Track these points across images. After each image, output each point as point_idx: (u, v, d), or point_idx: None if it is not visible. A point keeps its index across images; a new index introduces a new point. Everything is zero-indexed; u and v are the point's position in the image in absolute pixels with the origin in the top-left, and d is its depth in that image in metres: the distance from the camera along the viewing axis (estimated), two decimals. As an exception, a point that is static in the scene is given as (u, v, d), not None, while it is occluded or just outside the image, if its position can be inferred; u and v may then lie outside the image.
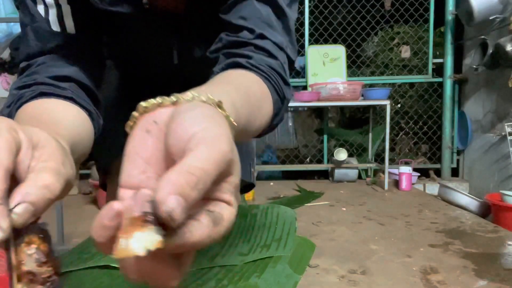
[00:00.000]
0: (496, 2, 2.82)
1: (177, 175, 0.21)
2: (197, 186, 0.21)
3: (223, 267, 0.42)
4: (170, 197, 0.20)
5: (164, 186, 0.21)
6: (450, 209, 2.66)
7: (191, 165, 0.22)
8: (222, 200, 0.24)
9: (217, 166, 0.23)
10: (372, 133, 3.80)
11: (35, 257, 0.26)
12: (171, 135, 0.25)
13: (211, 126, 0.25)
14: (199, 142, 0.23)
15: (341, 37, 3.86)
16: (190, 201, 0.21)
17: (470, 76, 3.43)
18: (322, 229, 2.19)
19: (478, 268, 1.60)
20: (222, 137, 0.24)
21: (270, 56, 0.50)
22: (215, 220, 0.23)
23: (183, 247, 0.22)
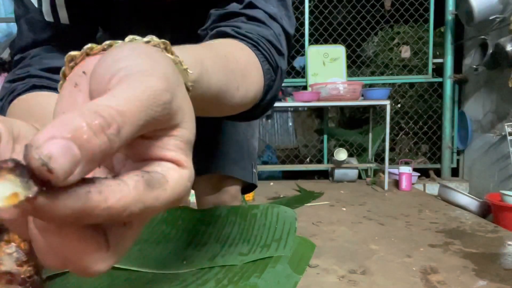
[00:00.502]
0: (496, 2, 2.82)
1: (73, 114, 0.15)
2: (104, 130, 0.15)
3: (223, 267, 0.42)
4: (51, 141, 0.14)
5: (48, 126, 0.15)
6: (450, 209, 2.66)
7: (100, 104, 0.16)
8: (166, 159, 0.19)
9: (142, 107, 0.17)
10: (372, 133, 3.80)
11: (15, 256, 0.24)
12: (92, 79, 0.19)
13: (141, 61, 0.19)
14: (123, 78, 0.18)
15: (341, 37, 3.86)
16: (88, 151, 0.15)
17: (470, 76, 3.43)
18: (322, 229, 2.19)
19: (478, 268, 1.60)
20: (154, 73, 0.19)
21: (262, 25, 0.47)
22: (151, 182, 0.17)
23: (88, 213, 0.15)
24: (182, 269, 0.43)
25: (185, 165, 0.19)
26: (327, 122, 4.10)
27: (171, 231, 0.52)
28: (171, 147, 0.19)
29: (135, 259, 0.46)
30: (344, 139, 4.02)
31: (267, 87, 0.45)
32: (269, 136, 4.85)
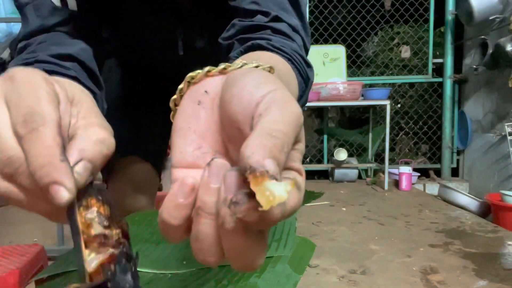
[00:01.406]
0: (496, 2, 2.82)
1: (263, 139, 0.19)
2: (283, 149, 0.20)
3: (223, 267, 0.42)
4: (267, 160, 0.19)
5: (253, 148, 0.19)
6: (450, 209, 2.66)
7: (272, 129, 0.20)
8: (293, 169, 0.22)
9: (294, 128, 0.21)
10: (372, 133, 3.80)
11: (98, 221, 0.24)
12: (234, 101, 0.22)
13: (277, 88, 0.23)
14: (270, 105, 0.21)
15: (341, 37, 3.86)
16: (281, 165, 0.20)
17: (470, 76, 3.43)
18: (322, 229, 2.19)
19: (478, 268, 1.60)
20: (291, 99, 0.23)
21: (288, 38, 0.48)
22: (299, 186, 0.21)
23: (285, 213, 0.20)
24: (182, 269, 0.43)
25: (303, 173, 0.23)
26: (327, 122, 4.10)
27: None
28: (295, 159, 0.23)
29: (135, 259, 0.46)
30: (344, 139, 4.02)
31: (298, 98, 0.47)
32: (269, 136, 4.84)
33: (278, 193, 0.18)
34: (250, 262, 0.21)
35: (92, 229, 0.23)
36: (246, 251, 0.21)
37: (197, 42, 0.66)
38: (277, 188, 0.18)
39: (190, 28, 0.65)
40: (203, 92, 0.25)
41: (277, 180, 0.19)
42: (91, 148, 0.24)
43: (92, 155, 0.24)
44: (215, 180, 0.21)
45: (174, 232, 0.23)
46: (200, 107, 0.24)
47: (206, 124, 0.25)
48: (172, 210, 0.22)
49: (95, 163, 0.24)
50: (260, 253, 0.21)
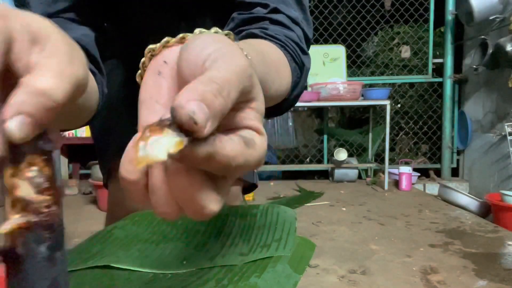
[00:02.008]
0: (496, 2, 2.82)
1: (196, 83, 0.20)
2: (220, 92, 0.20)
3: (223, 267, 0.42)
4: (190, 102, 0.19)
5: (183, 92, 0.19)
6: (450, 209, 2.66)
7: (211, 75, 0.20)
8: (250, 127, 0.23)
9: (239, 77, 0.21)
10: (372, 133, 3.80)
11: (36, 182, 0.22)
12: (184, 64, 0.23)
13: (224, 45, 0.23)
14: (216, 59, 0.22)
15: (341, 37, 3.86)
16: (214, 109, 0.19)
17: (470, 76, 3.44)
18: (322, 229, 2.19)
19: (478, 268, 1.60)
20: (237, 53, 0.23)
21: (286, 28, 0.49)
22: (247, 141, 0.22)
23: (214, 157, 0.20)
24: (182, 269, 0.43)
25: (262, 132, 0.23)
26: (327, 122, 4.10)
27: (171, 231, 0.52)
28: (252, 117, 0.23)
29: (135, 259, 0.46)
30: (344, 139, 4.02)
31: (293, 84, 0.47)
32: (269, 136, 4.82)
33: (153, 152, 0.18)
34: (201, 208, 0.21)
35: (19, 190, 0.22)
36: (194, 195, 0.21)
37: None
38: (156, 146, 0.18)
39: (192, 25, 0.65)
40: (162, 62, 0.25)
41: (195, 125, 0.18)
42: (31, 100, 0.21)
43: (32, 108, 0.21)
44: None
45: (135, 190, 0.23)
46: (161, 77, 0.25)
47: (167, 93, 0.25)
48: (127, 165, 0.22)
49: (37, 116, 0.21)
50: (212, 197, 0.22)
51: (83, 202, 3.06)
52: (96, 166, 2.77)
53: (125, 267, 0.45)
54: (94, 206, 2.89)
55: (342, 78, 3.51)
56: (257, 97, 0.24)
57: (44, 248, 0.23)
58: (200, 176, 0.21)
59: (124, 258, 0.46)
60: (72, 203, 2.93)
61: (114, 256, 0.47)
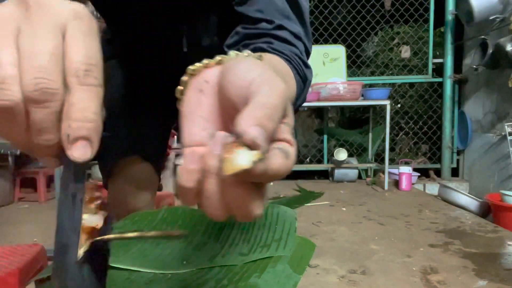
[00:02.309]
0: (496, 2, 2.82)
1: (252, 110, 0.23)
2: (272, 117, 0.23)
3: (223, 267, 0.42)
4: (251, 127, 0.22)
5: (244, 119, 0.23)
6: (450, 209, 2.66)
7: (261, 101, 0.24)
8: (283, 140, 0.26)
9: (282, 100, 0.25)
10: (372, 133, 3.80)
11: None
12: (229, 86, 0.27)
13: (264, 70, 0.27)
14: (260, 84, 0.25)
15: (341, 37, 3.86)
16: (268, 132, 0.23)
17: (470, 76, 3.44)
18: (322, 229, 2.19)
19: (478, 268, 1.60)
20: (277, 78, 0.27)
21: (290, 44, 0.51)
22: (286, 153, 0.25)
23: (267, 173, 0.23)
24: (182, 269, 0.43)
25: (293, 143, 0.26)
26: (327, 122, 4.10)
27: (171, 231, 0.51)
28: (285, 131, 0.26)
29: (135, 259, 0.46)
30: (344, 139, 4.02)
31: (296, 96, 0.50)
32: (269, 136, 4.83)
33: (241, 162, 0.22)
34: (250, 212, 0.25)
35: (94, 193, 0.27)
36: (245, 202, 0.25)
37: (203, 40, 0.66)
38: (241, 158, 0.22)
39: (194, 25, 0.65)
40: (204, 81, 0.29)
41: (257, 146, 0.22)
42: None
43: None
44: (218, 147, 0.25)
45: (189, 195, 0.26)
46: (202, 94, 0.29)
47: (208, 109, 0.29)
48: (186, 175, 0.26)
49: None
50: (258, 204, 0.25)
51: (83, 202, 3.05)
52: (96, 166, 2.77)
53: (125, 267, 0.45)
54: (94, 206, 2.88)
55: (342, 78, 3.51)
56: (289, 113, 0.27)
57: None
58: (251, 186, 0.25)
59: (124, 258, 0.46)
60: (72, 203, 2.93)
61: (114, 256, 0.47)
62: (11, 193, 3.04)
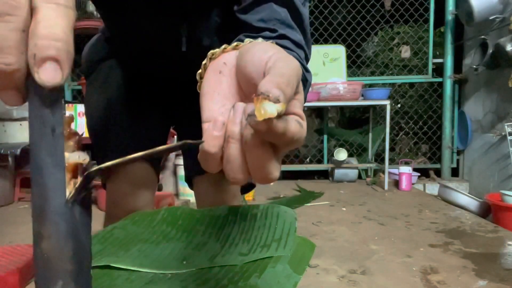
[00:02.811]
0: (496, 2, 2.82)
1: (272, 76, 0.26)
2: (289, 84, 0.26)
3: (223, 267, 0.42)
4: (273, 89, 0.25)
5: (267, 82, 0.25)
6: (450, 209, 2.66)
7: (279, 72, 0.27)
8: (296, 113, 0.28)
9: (296, 73, 0.28)
10: (372, 133, 3.80)
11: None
12: (248, 65, 0.30)
13: (279, 50, 0.30)
14: (276, 61, 0.28)
15: (341, 37, 3.86)
16: (287, 96, 0.25)
17: (470, 76, 3.44)
18: (322, 229, 2.19)
19: (478, 268, 1.60)
20: (290, 57, 0.29)
21: (290, 51, 0.51)
22: (300, 123, 0.27)
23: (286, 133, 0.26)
24: (182, 269, 0.43)
25: (304, 117, 0.29)
26: (327, 122, 4.10)
27: (171, 231, 0.51)
28: (298, 106, 0.29)
29: (135, 259, 0.46)
30: (344, 139, 4.02)
31: None
32: (269, 136, 4.84)
33: (269, 110, 0.24)
34: (269, 173, 0.27)
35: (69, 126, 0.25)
36: (265, 163, 0.27)
37: (203, 40, 0.66)
38: (269, 107, 0.24)
39: (195, 25, 0.65)
40: (223, 63, 0.32)
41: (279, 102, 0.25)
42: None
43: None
44: (238, 115, 0.28)
45: (212, 160, 0.28)
46: (221, 75, 0.32)
47: (227, 87, 0.32)
48: (210, 141, 0.28)
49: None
50: (276, 166, 0.28)
51: (83, 202, 3.05)
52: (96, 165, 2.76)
53: (125, 267, 0.45)
54: (94, 206, 2.89)
55: (342, 78, 3.51)
56: (301, 91, 0.30)
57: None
58: (270, 148, 0.27)
59: (124, 258, 0.46)
60: (72, 203, 2.93)
61: (114, 256, 0.47)
62: (11, 193, 3.04)
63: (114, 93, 0.77)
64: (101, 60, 0.79)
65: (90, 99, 0.81)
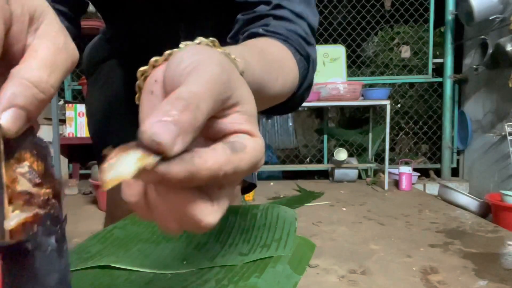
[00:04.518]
0: (496, 2, 2.82)
1: (163, 104, 0.20)
2: (187, 108, 0.19)
3: (223, 267, 0.42)
4: (154, 124, 0.18)
5: (149, 118, 0.19)
6: (450, 209, 2.66)
7: (178, 92, 0.20)
8: (240, 131, 0.22)
9: (208, 87, 0.21)
10: (372, 133, 3.80)
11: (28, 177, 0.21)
12: (167, 81, 0.23)
13: (201, 57, 0.23)
14: (189, 72, 0.22)
15: (341, 37, 3.86)
16: (182, 126, 0.19)
17: (470, 76, 3.44)
18: (322, 229, 2.19)
19: (478, 268, 1.60)
20: (209, 62, 0.22)
21: (290, 22, 0.49)
22: (234, 147, 0.21)
23: (196, 175, 0.19)
24: (182, 269, 0.43)
25: (255, 135, 0.23)
26: (327, 122, 4.10)
27: (171, 231, 0.51)
28: (239, 121, 0.23)
29: (135, 259, 0.46)
30: (344, 139, 4.02)
31: (301, 77, 0.47)
32: (269, 136, 4.85)
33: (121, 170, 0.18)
34: (197, 221, 0.21)
35: (18, 184, 0.21)
36: (187, 210, 0.21)
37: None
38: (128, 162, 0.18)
39: (192, 26, 0.65)
40: (153, 81, 0.25)
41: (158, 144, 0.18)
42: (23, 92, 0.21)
43: (25, 101, 0.21)
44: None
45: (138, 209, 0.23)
46: (153, 96, 0.25)
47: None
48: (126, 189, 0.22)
49: (29, 109, 0.21)
50: (205, 210, 0.21)
51: (83, 202, 3.05)
52: (96, 166, 2.77)
53: (125, 267, 0.45)
54: (94, 206, 2.89)
55: (342, 78, 3.51)
56: (242, 99, 0.23)
57: (53, 240, 0.22)
58: (190, 191, 0.21)
59: (124, 258, 0.46)
60: (72, 203, 2.93)
61: (114, 256, 0.47)
62: (11, 193, 3.04)
63: (115, 93, 0.77)
64: (102, 61, 0.79)
65: (91, 99, 0.81)
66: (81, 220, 2.38)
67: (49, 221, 0.22)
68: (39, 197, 0.22)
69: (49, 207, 0.22)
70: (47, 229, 0.22)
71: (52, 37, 0.23)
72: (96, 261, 0.45)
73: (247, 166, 0.21)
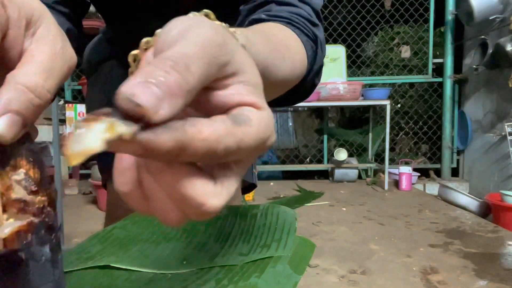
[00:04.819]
0: (496, 2, 2.82)
1: (146, 65, 0.17)
2: (174, 68, 0.17)
3: (223, 267, 0.42)
4: (133, 85, 0.16)
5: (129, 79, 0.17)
6: (450, 209, 2.66)
7: (164, 55, 0.18)
8: (244, 103, 0.20)
9: (200, 46, 0.18)
10: (372, 133, 3.80)
11: (24, 184, 0.21)
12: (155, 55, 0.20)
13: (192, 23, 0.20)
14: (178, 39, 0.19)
15: (341, 37, 3.86)
16: (169, 88, 0.16)
17: (470, 76, 3.44)
18: (322, 229, 2.19)
19: (478, 268, 1.60)
20: (203, 25, 0.20)
21: (293, 6, 0.47)
22: (237, 119, 0.18)
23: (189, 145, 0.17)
24: (182, 269, 0.43)
25: (262, 107, 0.20)
26: (327, 122, 4.10)
27: (171, 231, 0.52)
28: (242, 91, 0.20)
29: (135, 259, 0.46)
30: (344, 139, 4.02)
31: (310, 59, 0.45)
32: (269, 136, 4.84)
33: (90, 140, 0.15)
34: (199, 204, 0.18)
35: (13, 192, 0.21)
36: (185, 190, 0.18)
37: None
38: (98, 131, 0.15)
39: None
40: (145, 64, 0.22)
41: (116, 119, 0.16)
42: (19, 97, 0.20)
43: (20, 106, 0.20)
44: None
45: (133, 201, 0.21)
46: None
47: None
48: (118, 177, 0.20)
49: (25, 115, 0.20)
50: (206, 190, 0.18)
51: (83, 202, 3.06)
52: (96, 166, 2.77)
53: (125, 267, 0.45)
54: (94, 206, 2.89)
55: (342, 78, 3.51)
56: (243, 67, 0.20)
57: (47, 250, 0.22)
58: (187, 168, 0.18)
59: (124, 258, 0.46)
60: (72, 203, 2.93)
61: (114, 256, 0.47)
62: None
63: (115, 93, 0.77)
64: (102, 61, 0.79)
65: (91, 99, 0.81)
66: (81, 220, 2.38)
67: (44, 230, 0.22)
68: (33, 205, 0.21)
69: (43, 215, 0.22)
70: (41, 238, 0.22)
71: (49, 42, 0.22)
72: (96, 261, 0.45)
73: (253, 142, 0.19)
